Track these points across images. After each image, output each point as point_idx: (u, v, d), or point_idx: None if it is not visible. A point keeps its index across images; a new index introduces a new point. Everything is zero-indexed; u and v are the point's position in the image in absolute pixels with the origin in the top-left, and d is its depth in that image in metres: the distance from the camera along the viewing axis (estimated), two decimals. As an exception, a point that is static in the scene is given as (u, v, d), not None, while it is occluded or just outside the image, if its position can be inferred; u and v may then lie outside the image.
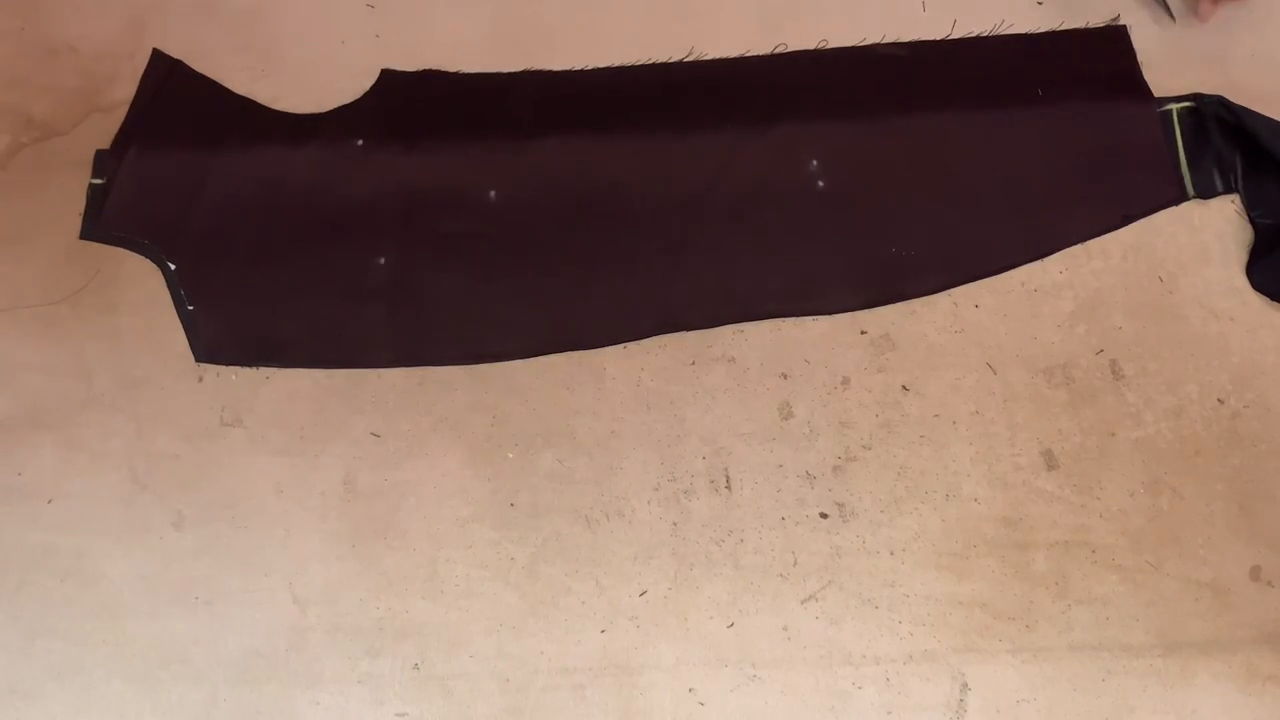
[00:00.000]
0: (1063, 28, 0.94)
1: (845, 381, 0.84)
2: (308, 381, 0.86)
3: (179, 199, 0.91)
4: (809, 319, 0.86)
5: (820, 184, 0.89)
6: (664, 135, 0.91)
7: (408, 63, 0.95)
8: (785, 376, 0.85)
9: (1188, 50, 0.93)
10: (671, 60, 0.94)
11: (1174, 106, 0.90)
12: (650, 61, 0.94)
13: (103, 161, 0.93)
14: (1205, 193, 0.88)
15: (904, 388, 0.84)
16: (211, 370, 0.86)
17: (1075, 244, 0.87)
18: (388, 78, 0.94)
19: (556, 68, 0.94)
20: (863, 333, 0.86)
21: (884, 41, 0.94)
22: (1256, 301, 0.85)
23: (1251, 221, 0.86)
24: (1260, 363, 0.84)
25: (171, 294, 0.88)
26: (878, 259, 0.87)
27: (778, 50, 0.94)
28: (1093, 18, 0.94)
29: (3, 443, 0.84)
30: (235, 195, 0.91)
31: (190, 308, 0.88)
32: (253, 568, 0.80)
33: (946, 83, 0.93)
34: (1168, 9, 0.88)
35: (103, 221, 0.91)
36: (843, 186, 0.89)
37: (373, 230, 0.89)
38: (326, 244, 0.89)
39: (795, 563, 0.79)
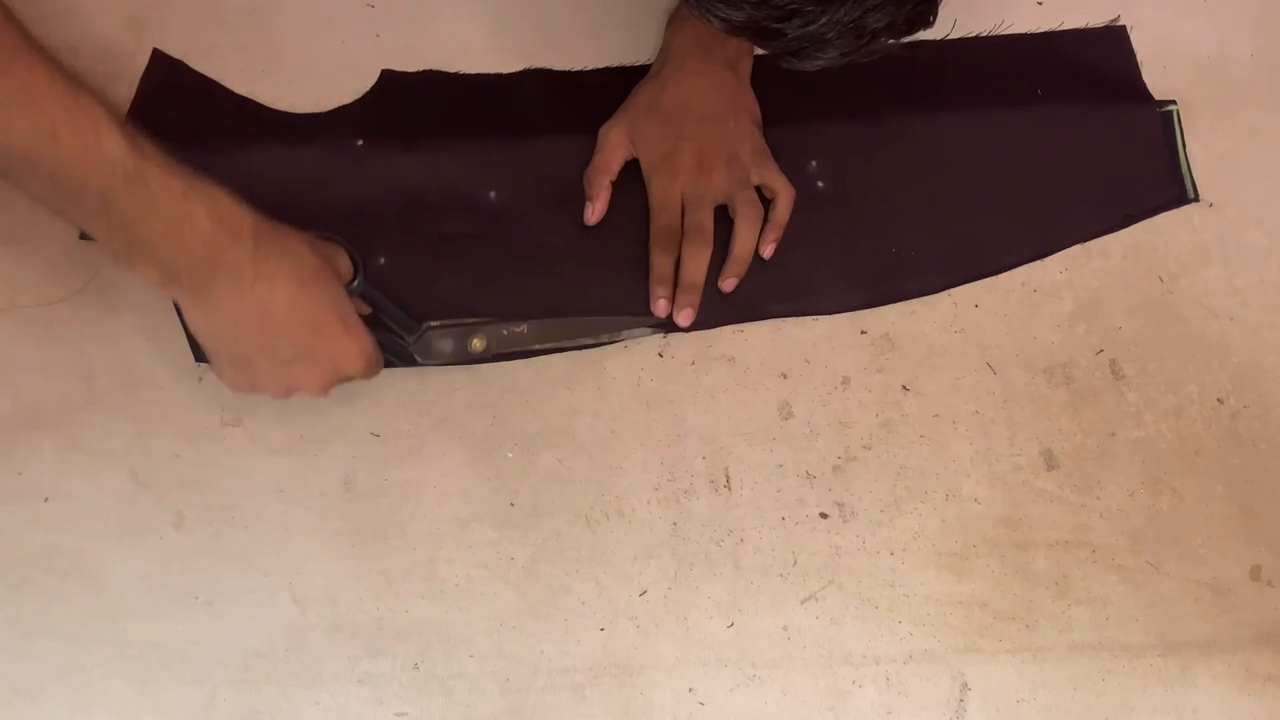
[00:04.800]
0: (1063, 28, 0.94)
1: (845, 381, 0.84)
2: (308, 381, 0.85)
3: (179, 199, 0.91)
4: (809, 319, 0.86)
5: (820, 184, 0.89)
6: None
7: (408, 63, 0.94)
8: (785, 376, 0.85)
9: (1188, 50, 0.93)
10: (671, 60, 0.93)
11: (1174, 107, 0.90)
12: (651, 63, 0.94)
13: (103, 161, 0.92)
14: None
15: (904, 388, 0.84)
16: (212, 370, 0.86)
17: (1075, 244, 0.88)
18: (388, 78, 0.94)
19: (557, 68, 0.94)
20: (863, 333, 0.86)
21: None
22: (1256, 301, 0.85)
23: None
24: (1260, 363, 0.84)
25: (172, 294, 0.88)
26: (878, 259, 0.87)
27: (778, 50, 0.93)
28: (1093, 18, 0.94)
29: (2, 443, 0.84)
30: (235, 195, 0.91)
31: (190, 308, 0.88)
32: (253, 568, 0.80)
33: (946, 83, 0.92)
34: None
35: (103, 221, 0.90)
36: (842, 186, 0.89)
37: (373, 230, 0.89)
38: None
39: (795, 563, 0.79)
